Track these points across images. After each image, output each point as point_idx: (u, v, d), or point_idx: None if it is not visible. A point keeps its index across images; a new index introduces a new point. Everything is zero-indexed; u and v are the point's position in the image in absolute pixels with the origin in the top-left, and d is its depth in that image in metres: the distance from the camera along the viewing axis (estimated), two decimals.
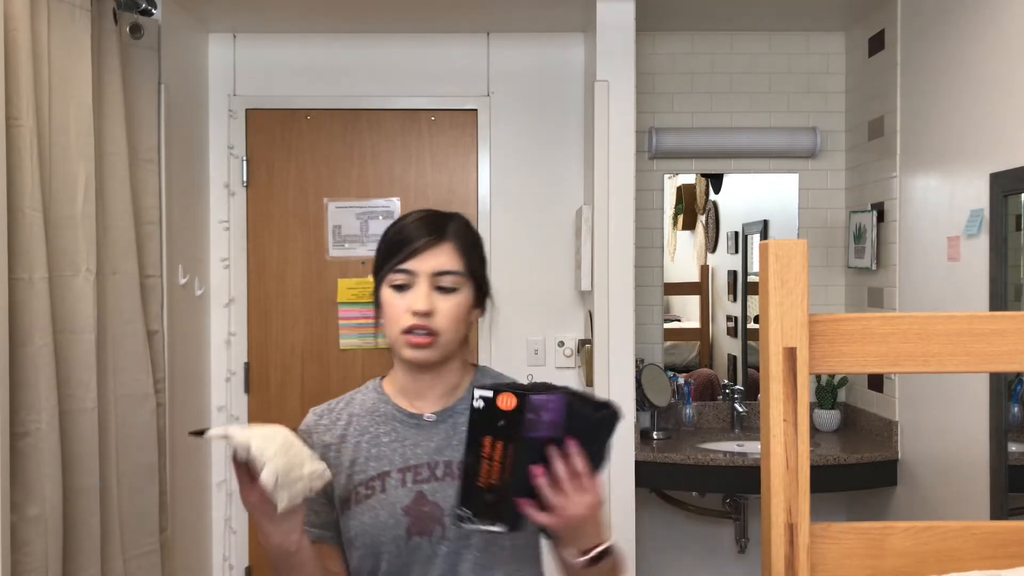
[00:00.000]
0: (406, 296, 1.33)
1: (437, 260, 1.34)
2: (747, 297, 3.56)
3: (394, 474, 1.34)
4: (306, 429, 1.43)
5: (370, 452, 1.37)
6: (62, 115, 2.38)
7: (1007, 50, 2.37)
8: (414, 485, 1.33)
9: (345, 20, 3.31)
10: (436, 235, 1.34)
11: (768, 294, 1.20)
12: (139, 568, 2.63)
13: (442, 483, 1.33)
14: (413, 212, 1.41)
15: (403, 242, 1.35)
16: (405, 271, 1.34)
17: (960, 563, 1.21)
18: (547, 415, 1.16)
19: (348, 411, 1.43)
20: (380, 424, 1.39)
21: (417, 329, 1.32)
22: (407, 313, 1.32)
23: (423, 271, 1.33)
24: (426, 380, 1.39)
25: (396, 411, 1.40)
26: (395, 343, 1.35)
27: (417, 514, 1.32)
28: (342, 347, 3.44)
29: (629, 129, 2.98)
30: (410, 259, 1.33)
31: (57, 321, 2.31)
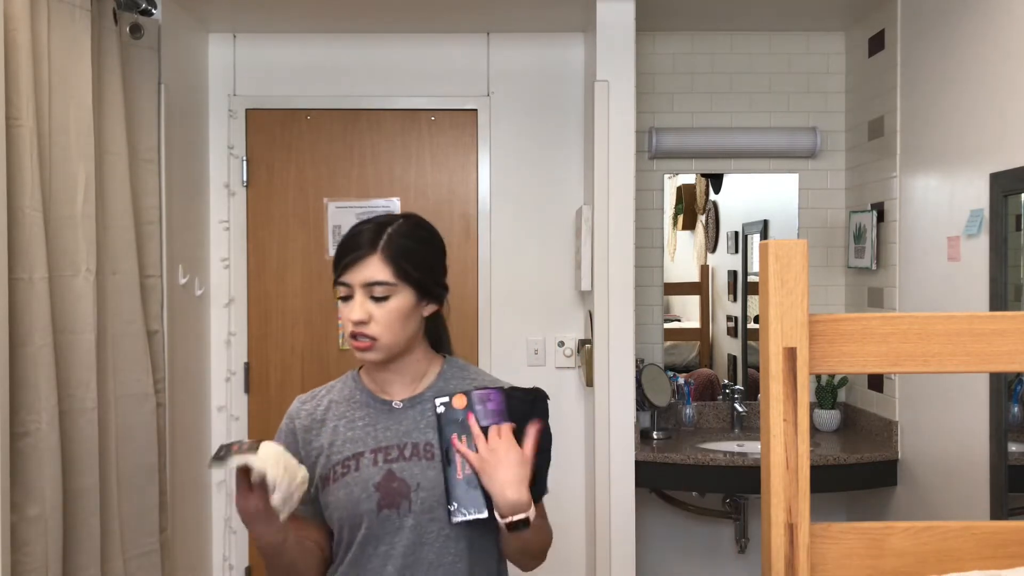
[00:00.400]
0: (348, 306, 1.48)
1: (367, 272, 1.47)
2: (747, 297, 3.56)
3: (367, 454, 1.49)
4: (290, 415, 1.60)
5: (346, 435, 1.52)
6: (62, 115, 2.38)
7: (1007, 50, 2.37)
8: (384, 464, 1.48)
9: (345, 20, 3.31)
10: (366, 248, 1.48)
11: (768, 294, 1.20)
12: (139, 568, 2.63)
13: (409, 462, 1.48)
14: (360, 223, 1.55)
15: (340, 257, 1.50)
16: (343, 284, 1.49)
17: (960, 563, 1.21)
18: (491, 405, 1.45)
19: (328, 397, 1.59)
20: (356, 409, 1.55)
21: (357, 335, 1.47)
22: (348, 322, 1.48)
23: (356, 283, 1.47)
24: (389, 373, 1.55)
25: (370, 398, 1.55)
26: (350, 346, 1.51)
27: (387, 490, 1.47)
28: (342, 347, 3.44)
29: (629, 129, 2.98)
30: (344, 273, 1.49)
31: (57, 321, 2.31)
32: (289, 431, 1.58)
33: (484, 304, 3.42)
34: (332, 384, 1.62)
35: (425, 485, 1.47)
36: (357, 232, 1.51)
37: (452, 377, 1.58)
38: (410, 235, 1.52)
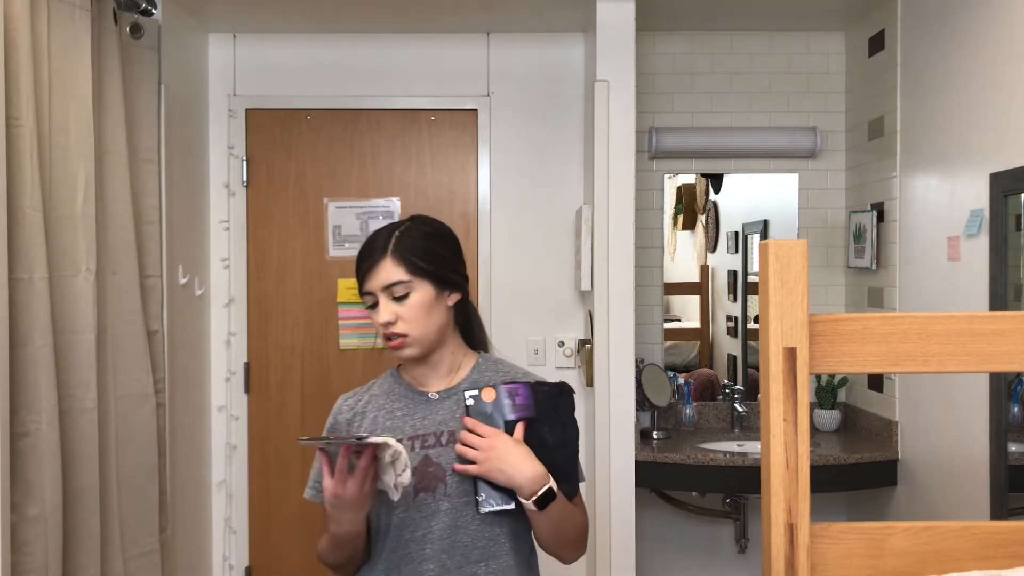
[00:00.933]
0: (375, 312, 1.57)
1: (382, 275, 1.55)
2: (747, 297, 3.56)
3: (405, 441, 1.55)
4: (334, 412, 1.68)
5: (385, 423, 1.60)
6: (62, 115, 2.38)
7: (1007, 50, 2.37)
8: (421, 450, 1.55)
9: (345, 20, 3.31)
10: (378, 254, 1.56)
11: (768, 294, 1.20)
12: (139, 568, 2.63)
13: (445, 448, 1.55)
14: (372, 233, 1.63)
15: (357, 269, 1.59)
16: (367, 293, 1.58)
17: (960, 563, 1.21)
18: (519, 399, 1.53)
19: (369, 393, 1.68)
20: (395, 401, 1.62)
21: (390, 336, 1.56)
22: (380, 326, 1.57)
23: (376, 288, 1.56)
24: (425, 367, 1.62)
25: (408, 390, 1.63)
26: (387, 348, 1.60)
27: (423, 474, 1.53)
28: (342, 347, 3.44)
29: (629, 129, 2.98)
30: (364, 282, 1.57)
31: (57, 321, 2.31)
32: (332, 427, 1.66)
33: (484, 304, 3.42)
34: (374, 381, 1.70)
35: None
36: (369, 241, 1.60)
37: (486, 370, 1.65)
38: (416, 232, 1.60)
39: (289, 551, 3.44)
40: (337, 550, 1.58)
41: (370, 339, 3.61)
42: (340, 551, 1.58)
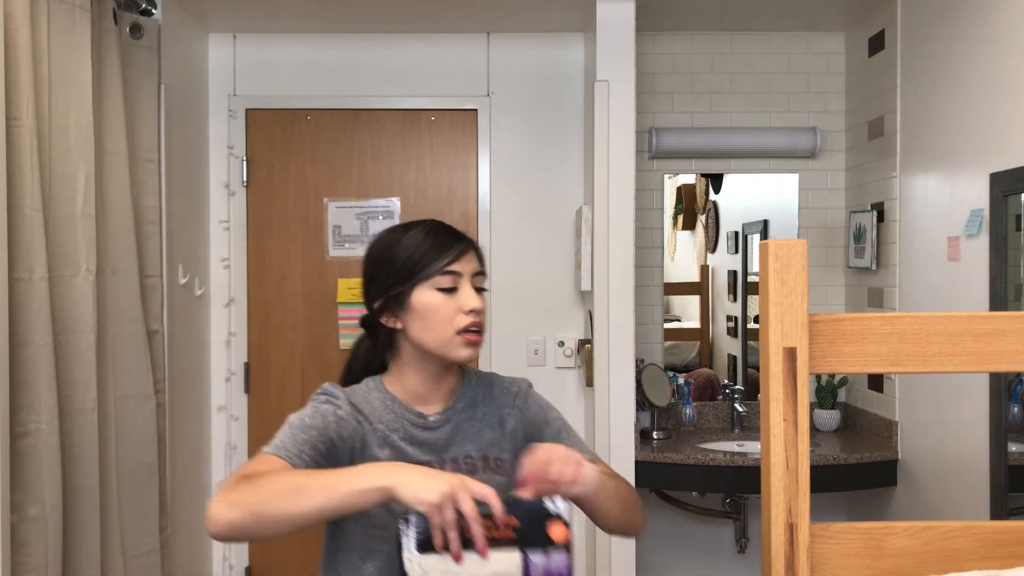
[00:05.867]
0: (454, 298, 1.39)
1: (473, 262, 1.43)
2: (747, 297, 3.56)
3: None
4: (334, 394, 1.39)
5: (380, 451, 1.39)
6: (62, 115, 2.38)
7: (1007, 50, 2.37)
8: None
9: (345, 20, 3.31)
10: (466, 240, 1.43)
11: (768, 294, 1.20)
12: (139, 568, 2.63)
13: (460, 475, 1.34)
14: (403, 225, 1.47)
15: (443, 245, 1.41)
16: (453, 272, 1.40)
17: (960, 563, 1.21)
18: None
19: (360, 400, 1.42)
20: (390, 423, 1.42)
21: (472, 327, 1.39)
22: (460, 313, 1.39)
23: (466, 272, 1.41)
24: (439, 382, 1.46)
25: (405, 411, 1.44)
26: (446, 344, 1.39)
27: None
28: (342, 347, 3.44)
29: (629, 129, 2.98)
30: (456, 262, 1.40)
31: (57, 321, 2.31)
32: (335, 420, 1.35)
33: None
34: (352, 390, 1.44)
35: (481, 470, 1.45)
36: (439, 225, 1.45)
37: (477, 386, 1.52)
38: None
39: (289, 551, 3.44)
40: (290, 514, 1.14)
41: None
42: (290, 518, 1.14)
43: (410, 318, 1.41)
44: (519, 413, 1.53)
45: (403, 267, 1.40)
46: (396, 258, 1.42)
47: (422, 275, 1.39)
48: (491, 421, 1.50)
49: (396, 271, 1.41)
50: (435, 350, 1.40)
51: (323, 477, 1.16)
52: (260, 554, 3.46)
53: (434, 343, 1.39)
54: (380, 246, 1.47)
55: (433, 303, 1.39)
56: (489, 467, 1.46)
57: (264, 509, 1.14)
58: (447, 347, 1.39)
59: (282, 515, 1.13)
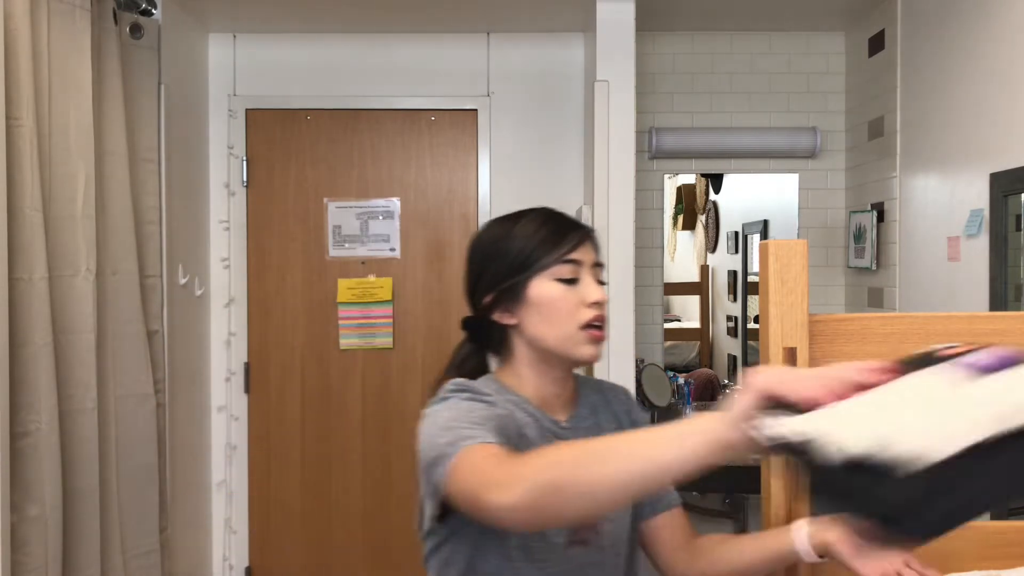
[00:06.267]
0: (575, 289, 1.25)
1: (592, 252, 1.29)
2: (747, 297, 3.56)
3: None
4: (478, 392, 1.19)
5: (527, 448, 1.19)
6: (62, 115, 2.38)
7: (1007, 50, 2.37)
8: None
9: (345, 20, 3.31)
10: (584, 227, 1.29)
11: (768, 294, 1.20)
12: (139, 568, 2.63)
13: None
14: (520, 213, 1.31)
15: (563, 232, 1.26)
16: (574, 262, 1.25)
17: (960, 563, 1.21)
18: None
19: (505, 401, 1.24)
20: (532, 428, 1.24)
21: (596, 321, 1.25)
22: (582, 306, 1.24)
23: (587, 262, 1.27)
24: (561, 386, 1.30)
25: (542, 416, 1.27)
26: (567, 341, 1.24)
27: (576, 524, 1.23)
28: (342, 347, 3.44)
29: (629, 129, 2.98)
30: (576, 250, 1.25)
31: (57, 321, 2.31)
32: (495, 414, 1.15)
33: None
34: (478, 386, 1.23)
35: (611, 515, 1.28)
36: (553, 212, 1.29)
37: (591, 391, 1.37)
38: None
39: (289, 551, 3.44)
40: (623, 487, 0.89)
41: (370, 339, 3.63)
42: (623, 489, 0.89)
43: (526, 312, 1.25)
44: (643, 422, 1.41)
45: (518, 257, 1.25)
46: (509, 249, 1.26)
47: (540, 264, 1.24)
48: (611, 429, 1.34)
49: (510, 262, 1.26)
50: (555, 347, 1.25)
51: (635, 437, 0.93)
52: (260, 554, 3.46)
53: (554, 339, 1.24)
54: (488, 238, 1.32)
55: (553, 295, 1.23)
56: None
57: (569, 479, 0.89)
58: (568, 344, 1.24)
59: (595, 481, 0.88)
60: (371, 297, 3.40)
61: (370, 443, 3.45)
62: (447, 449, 1.07)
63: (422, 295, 3.44)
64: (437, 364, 3.57)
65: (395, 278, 3.44)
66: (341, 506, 3.44)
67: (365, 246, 3.45)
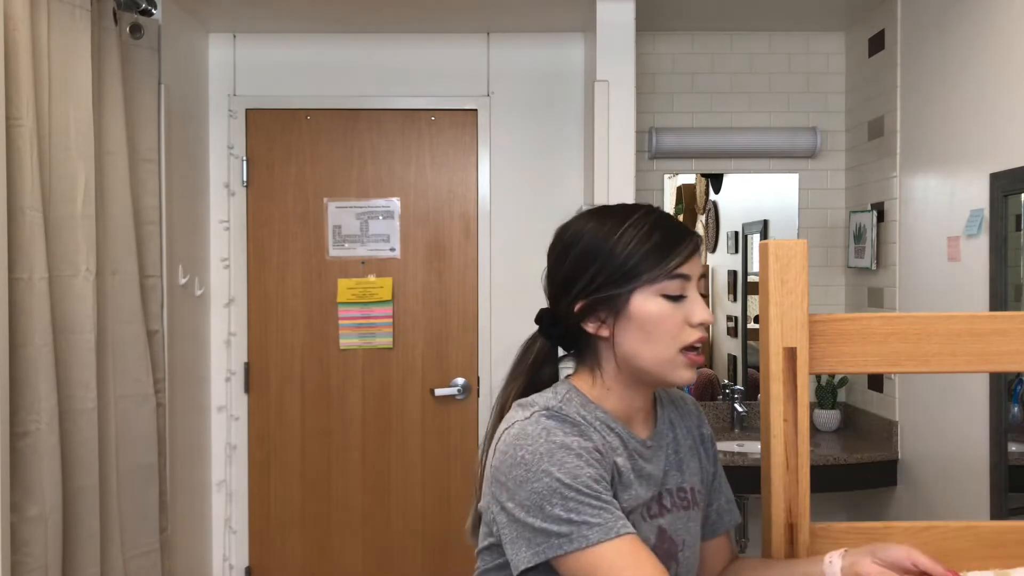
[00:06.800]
0: (681, 307, 1.14)
1: (699, 263, 1.18)
2: (747, 297, 3.56)
3: (640, 508, 1.17)
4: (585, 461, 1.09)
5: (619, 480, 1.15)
6: (62, 115, 2.38)
7: (1007, 50, 2.37)
8: (652, 520, 1.18)
9: (345, 20, 3.31)
10: (696, 236, 1.18)
11: (768, 294, 1.20)
12: (139, 568, 2.63)
13: (672, 514, 1.21)
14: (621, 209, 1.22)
15: (673, 243, 1.15)
16: (683, 276, 1.14)
17: (960, 563, 1.21)
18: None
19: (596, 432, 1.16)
20: (619, 448, 1.17)
21: (698, 343, 1.15)
22: (686, 327, 1.14)
23: (695, 275, 1.16)
24: (648, 398, 1.23)
25: (629, 435, 1.19)
26: (666, 363, 1.15)
27: (662, 552, 1.17)
28: (342, 347, 3.44)
29: (629, 129, 2.98)
30: (687, 263, 1.15)
31: (57, 321, 2.31)
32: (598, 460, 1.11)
33: (484, 304, 3.41)
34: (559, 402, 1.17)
35: (689, 541, 1.23)
36: (663, 215, 1.19)
37: (665, 402, 1.30)
38: None
39: (289, 551, 3.44)
40: None
41: (370, 339, 3.63)
42: None
43: (625, 327, 1.15)
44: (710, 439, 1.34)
45: (623, 265, 1.15)
46: (614, 253, 1.16)
47: (647, 277, 1.14)
48: (689, 446, 1.28)
49: (613, 270, 1.15)
50: (650, 368, 1.16)
51: None
52: (260, 554, 3.46)
53: (650, 359, 1.15)
54: (589, 236, 1.20)
55: (658, 313, 1.13)
56: (696, 502, 1.25)
57: None
58: (666, 367, 1.15)
59: None
60: (371, 297, 3.41)
61: (370, 443, 3.46)
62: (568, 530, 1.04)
63: (422, 295, 3.44)
64: (437, 364, 3.58)
65: (395, 278, 3.44)
66: (341, 506, 3.44)
67: (365, 246, 3.45)
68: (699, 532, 1.26)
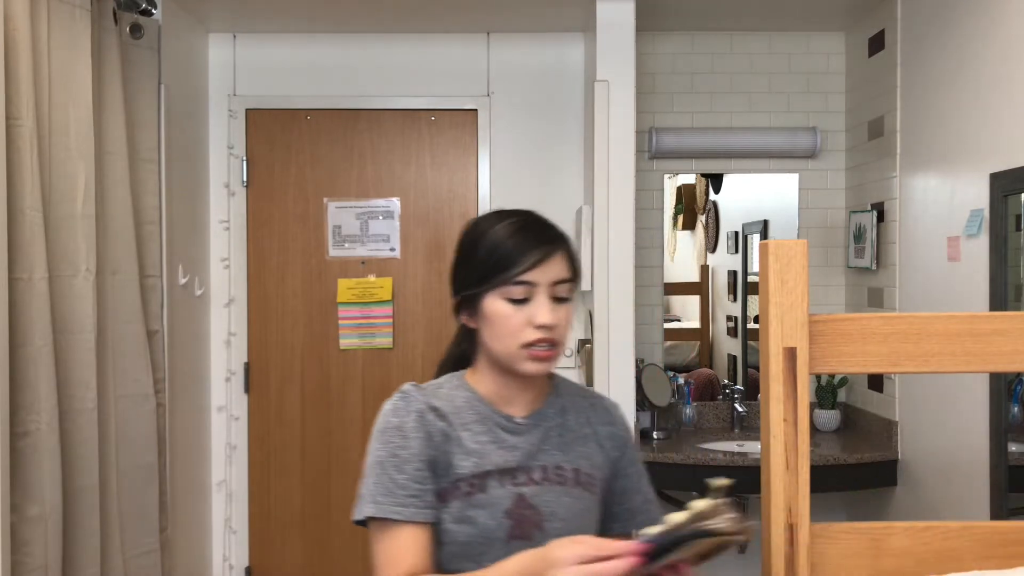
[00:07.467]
0: (525, 309, 1.29)
1: (555, 270, 1.31)
2: (747, 297, 3.56)
3: (495, 475, 1.31)
4: (418, 410, 1.31)
5: (471, 447, 1.31)
6: (62, 115, 2.38)
7: (1007, 50, 2.37)
8: (514, 488, 1.31)
9: (345, 20, 3.31)
10: (552, 243, 1.32)
11: (768, 294, 1.20)
12: (139, 568, 2.63)
13: (540, 487, 1.32)
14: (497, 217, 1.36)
15: (520, 252, 1.29)
16: (526, 283, 1.28)
17: (960, 563, 1.21)
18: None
19: (451, 403, 1.34)
20: (477, 423, 1.33)
21: (541, 343, 1.30)
22: (528, 327, 1.29)
23: (544, 282, 1.29)
24: (522, 388, 1.37)
25: (492, 412, 1.35)
26: (511, 357, 1.31)
27: (518, 518, 1.30)
28: (342, 347, 3.44)
29: (629, 129, 2.98)
30: (530, 271, 1.28)
31: (57, 321, 2.31)
32: (418, 425, 1.30)
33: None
34: (439, 383, 1.38)
35: (560, 514, 1.32)
36: (524, 224, 1.33)
37: (566, 393, 1.44)
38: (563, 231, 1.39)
39: (289, 551, 3.44)
40: None
41: (370, 339, 3.63)
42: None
43: (481, 323, 1.32)
44: (621, 440, 1.45)
45: (479, 268, 1.31)
46: (476, 256, 1.32)
47: (493, 282, 1.29)
48: (584, 434, 1.41)
49: (472, 271, 1.32)
50: (502, 359, 1.32)
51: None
52: (260, 554, 3.46)
53: (501, 353, 1.31)
54: (468, 236, 1.36)
55: (502, 313, 1.29)
56: (580, 482, 1.36)
57: None
58: (512, 360, 1.31)
59: None
60: (371, 297, 3.41)
61: None
62: (370, 508, 1.28)
63: (422, 295, 3.44)
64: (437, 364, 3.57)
65: (395, 278, 3.44)
66: (341, 506, 3.44)
67: (365, 246, 3.45)
68: (586, 512, 1.36)
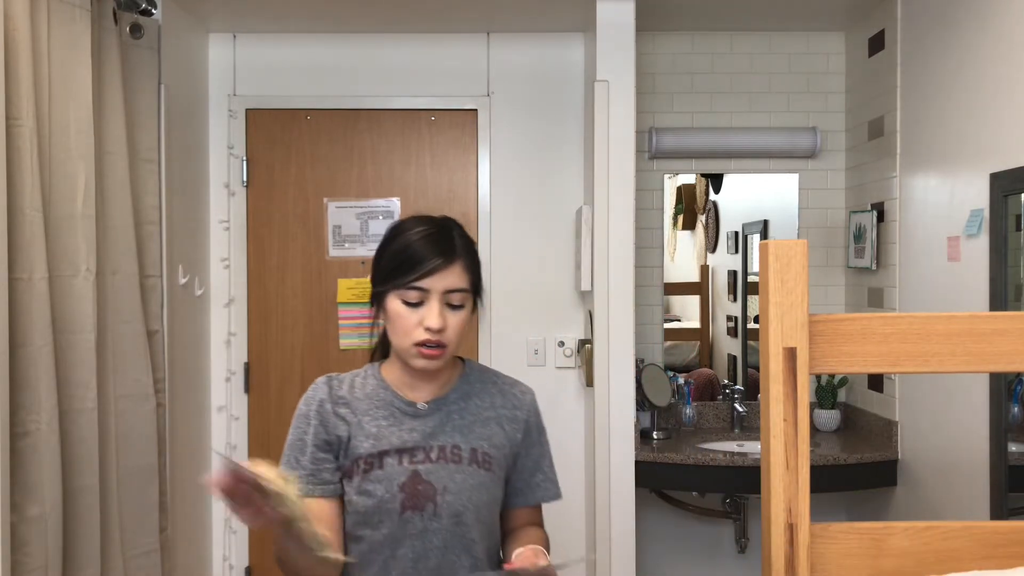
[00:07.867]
0: (418, 311, 1.45)
1: (449, 279, 1.44)
2: (747, 297, 3.56)
3: (392, 453, 1.47)
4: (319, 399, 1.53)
5: (369, 430, 1.49)
6: (62, 115, 2.38)
7: (1007, 50, 2.37)
8: (410, 464, 1.46)
9: (345, 20, 3.31)
10: (448, 255, 1.45)
11: (768, 294, 1.20)
12: (139, 568, 2.63)
13: (436, 464, 1.47)
14: (413, 222, 1.50)
15: (416, 260, 1.44)
16: (419, 289, 1.44)
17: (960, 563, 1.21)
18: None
19: (352, 390, 1.55)
20: (380, 408, 1.51)
21: (429, 343, 1.44)
22: (419, 328, 1.44)
23: (436, 289, 1.44)
24: (431, 374, 1.52)
25: (394, 398, 1.52)
26: (405, 352, 1.47)
27: (411, 491, 1.45)
28: (342, 347, 3.44)
29: (629, 129, 2.98)
30: (424, 278, 1.43)
31: (57, 321, 2.31)
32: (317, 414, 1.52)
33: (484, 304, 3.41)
34: (354, 374, 1.59)
35: (452, 489, 1.46)
36: (428, 234, 1.47)
37: (475, 380, 1.58)
38: (471, 243, 1.53)
39: None
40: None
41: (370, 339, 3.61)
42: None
43: (385, 318, 1.50)
44: (523, 422, 1.58)
45: (385, 269, 1.48)
46: (384, 257, 1.49)
47: (395, 284, 1.45)
48: (486, 416, 1.54)
49: (380, 270, 1.49)
50: (399, 353, 1.50)
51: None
52: (260, 554, 3.46)
53: (398, 347, 1.49)
54: (385, 237, 1.52)
55: (397, 312, 1.46)
56: (476, 460, 1.50)
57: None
58: (406, 355, 1.47)
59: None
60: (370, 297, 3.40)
61: None
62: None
63: None
64: None
65: None
66: None
67: (365, 246, 3.45)
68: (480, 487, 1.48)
